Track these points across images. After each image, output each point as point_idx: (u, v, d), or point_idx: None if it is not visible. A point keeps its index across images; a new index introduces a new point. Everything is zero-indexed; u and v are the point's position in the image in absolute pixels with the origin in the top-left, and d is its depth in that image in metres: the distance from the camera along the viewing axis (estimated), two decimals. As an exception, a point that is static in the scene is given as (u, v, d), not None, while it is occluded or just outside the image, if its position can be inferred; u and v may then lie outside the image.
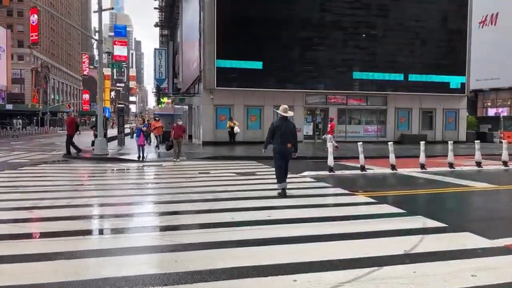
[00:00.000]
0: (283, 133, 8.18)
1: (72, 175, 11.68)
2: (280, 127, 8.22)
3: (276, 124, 8.32)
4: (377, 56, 25.50)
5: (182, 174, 11.98)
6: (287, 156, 8.42)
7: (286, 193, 8.30)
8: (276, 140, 8.27)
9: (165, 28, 58.58)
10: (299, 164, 15.11)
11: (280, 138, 8.21)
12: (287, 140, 8.24)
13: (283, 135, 8.18)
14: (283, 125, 8.26)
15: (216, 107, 24.01)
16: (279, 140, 8.22)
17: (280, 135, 8.19)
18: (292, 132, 8.34)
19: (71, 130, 18.00)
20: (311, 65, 24.49)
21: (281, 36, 23.94)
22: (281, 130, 8.19)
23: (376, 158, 17.71)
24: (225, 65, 23.23)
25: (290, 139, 8.29)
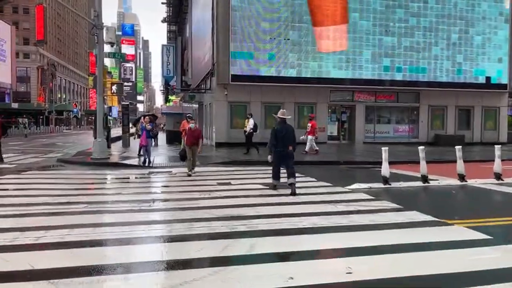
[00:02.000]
0: (284, 137, 8.65)
1: (57, 188, 9.23)
2: (281, 131, 8.70)
3: (277, 129, 8.79)
4: (409, 48, 22.79)
5: (197, 186, 9.49)
6: (287, 159, 8.81)
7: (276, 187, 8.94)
8: (278, 144, 8.70)
9: (173, 23, 56.34)
10: (333, 172, 12.58)
11: (282, 142, 8.66)
12: (288, 143, 8.69)
13: (284, 139, 8.64)
14: (283, 129, 8.75)
15: (231, 105, 21.50)
16: (281, 143, 8.67)
17: (281, 139, 8.65)
18: (291, 135, 8.80)
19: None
20: (337, 58, 21.87)
21: (302, 25, 21.35)
22: (281, 133, 8.66)
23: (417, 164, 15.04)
24: (241, 57, 20.72)
25: (290, 142, 8.72)
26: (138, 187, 9.67)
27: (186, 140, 11.77)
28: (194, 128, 11.70)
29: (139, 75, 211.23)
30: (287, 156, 8.79)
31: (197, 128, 12.01)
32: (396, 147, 21.49)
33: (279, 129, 8.75)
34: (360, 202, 7.63)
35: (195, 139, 11.50)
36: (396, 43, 22.68)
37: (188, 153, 11.55)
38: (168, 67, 55.62)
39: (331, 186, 9.53)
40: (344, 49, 22.00)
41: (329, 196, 8.19)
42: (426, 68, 23.12)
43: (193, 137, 11.46)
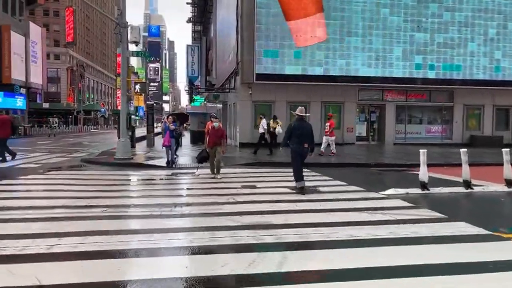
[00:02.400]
0: (301, 134, 8.54)
1: (78, 190, 8.97)
2: (297, 128, 8.60)
3: (294, 125, 8.69)
4: (442, 45, 21.65)
5: (221, 189, 9.02)
6: (303, 155, 8.71)
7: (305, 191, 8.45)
8: (294, 140, 8.61)
9: (197, 23, 56.44)
10: (364, 175, 11.86)
11: (298, 139, 8.56)
12: (304, 140, 8.58)
13: (301, 136, 8.54)
14: (300, 126, 8.65)
15: (255, 104, 21.01)
16: (296, 140, 8.58)
17: (298, 136, 8.55)
18: (309, 133, 8.68)
19: (5, 132, 14.70)
20: (365, 55, 21.02)
21: (329, 22, 20.60)
22: (298, 131, 8.56)
23: (454, 166, 14.12)
24: (266, 55, 20.18)
25: (307, 140, 8.61)
26: (160, 189, 9.29)
27: (208, 141, 10.87)
28: (218, 127, 10.83)
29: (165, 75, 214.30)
30: (302, 154, 8.71)
31: (221, 128, 11.13)
32: (428, 148, 20.35)
33: (296, 126, 8.68)
34: (398, 210, 6.95)
35: (218, 139, 10.77)
36: (429, 39, 21.60)
37: (210, 155, 10.87)
38: (193, 67, 55.78)
39: (364, 191, 8.86)
40: (373, 44, 21.10)
41: (363, 202, 7.54)
42: (461, 65, 21.91)
43: (216, 137, 10.72)
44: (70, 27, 53.78)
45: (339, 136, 21.81)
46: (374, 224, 5.93)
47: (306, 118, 9.16)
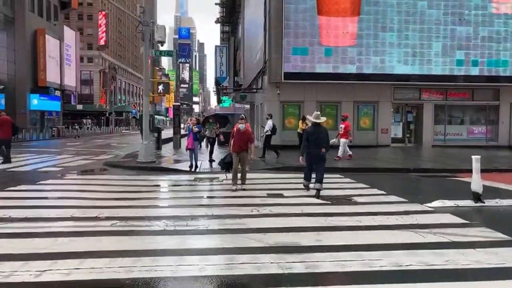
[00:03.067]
0: (316, 139, 8.59)
1: (91, 198, 8.38)
2: (313, 133, 8.67)
3: (309, 131, 8.83)
4: (487, 39, 19.95)
5: (244, 198, 8.20)
6: (319, 161, 8.72)
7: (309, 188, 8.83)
8: (311, 146, 8.66)
9: (226, 24, 56.09)
10: (404, 182, 10.72)
11: (313, 143, 8.61)
12: (321, 145, 8.58)
13: (316, 141, 8.59)
14: (315, 131, 8.71)
15: (283, 104, 20.09)
16: (312, 145, 8.63)
17: (314, 141, 8.61)
18: (325, 137, 8.69)
19: (5, 133, 14.06)
20: (401, 52, 19.66)
21: (362, 17, 19.39)
22: (313, 136, 8.63)
23: (505, 172, 12.72)
24: (295, 53, 19.23)
25: (324, 144, 8.61)
26: (178, 197, 8.56)
27: (232, 145, 9.52)
28: (244, 129, 9.46)
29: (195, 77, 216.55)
30: (319, 158, 8.71)
31: (247, 130, 9.72)
32: (471, 151, 18.71)
33: (311, 131, 8.79)
34: (450, 228, 5.88)
35: (244, 143, 9.48)
36: (472, 33, 19.96)
37: (234, 162, 9.46)
38: (221, 68, 55.48)
39: (406, 202, 7.80)
40: (409, 39, 19.71)
41: (408, 217, 6.50)
42: (508, 60, 20.13)
43: (241, 141, 9.44)
44: (103, 31, 56.38)
45: (373, 138, 20.60)
46: (424, 248, 4.92)
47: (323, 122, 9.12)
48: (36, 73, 44.51)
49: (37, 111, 45.47)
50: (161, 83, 17.03)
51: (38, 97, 44.45)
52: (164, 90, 16.66)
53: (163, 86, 16.65)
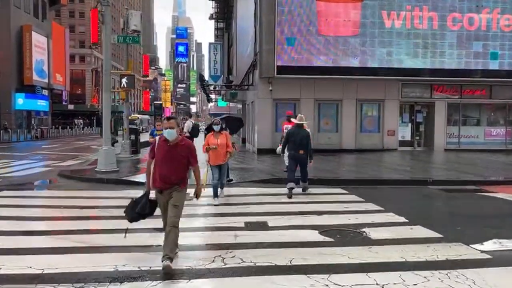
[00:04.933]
0: (296, 141, 8.60)
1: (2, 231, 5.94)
2: (293, 134, 8.70)
3: (291, 131, 8.86)
4: (507, 27, 17.54)
5: (211, 230, 5.78)
6: (301, 161, 8.70)
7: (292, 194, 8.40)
8: (290, 147, 8.74)
9: (220, 20, 53.70)
10: (425, 202, 8.22)
11: (293, 145, 8.63)
12: (300, 147, 8.57)
13: (295, 142, 8.59)
14: (296, 132, 8.71)
15: (277, 102, 17.66)
16: (292, 146, 8.67)
17: (293, 142, 8.63)
18: (305, 140, 8.63)
19: None
20: (410, 43, 17.26)
21: (366, 3, 16.98)
22: (294, 137, 8.65)
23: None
24: (289, 44, 16.82)
25: (303, 147, 8.58)
26: (117, 229, 6.05)
27: (153, 176, 5.85)
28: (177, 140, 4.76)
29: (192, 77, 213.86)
30: (299, 160, 8.70)
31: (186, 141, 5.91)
32: (490, 156, 16.52)
33: (291, 132, 8.82)
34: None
35: (175, 169, 4.63)
36: (491, 22, 17.56)
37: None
38: (215, 66, 52.87)
39: (442, 240, 5.36)
40: (420, 29, 17.30)
41: (457, 274, 4.07)
42: (531, 53, 17.75)
43: (170, 165, 5.11)
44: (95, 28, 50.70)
45: (378, 141, 18.19)
46: None
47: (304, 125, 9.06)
48: (22, 71, 41.98)
49: (22, 111, 43.02)
50: (125, 76, 14.57)
51: (23, 96, 42.01)
52: (129, 84, 14.24)
53: (127, 79, 14.22)
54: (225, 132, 7.97)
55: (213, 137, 7.79)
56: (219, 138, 7.75)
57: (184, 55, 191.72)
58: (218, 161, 7.72)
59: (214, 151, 7.66)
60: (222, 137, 7.77)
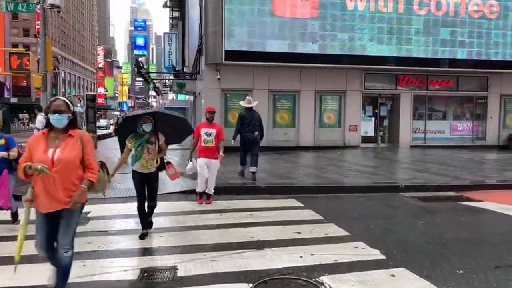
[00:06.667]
0: (250, 123, 8.83)
1: None
2: (246, 117, 8.90)
3: (243, 115, 9.04)
4: (477, 14, 16.17)
5: None
6: (253, 144, 8.89)
7: (244, 174, 8.98)
8: (244, 129, 8.86)
9: (175, 9, 50.54)
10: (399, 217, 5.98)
11: (247, 127, 8.83)
12: (254, 129, 8.87)
13: (250, 125, 8.83)
14: (249, 115, 8.95)
15: (226, 93, 15.35)
16: (247, 129, 8.84)
17: (247, 125, 8.84)
18: (258, 121, 8.97)
19: None
20: (375, 28, 15.50)
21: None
22: (247, 120, 8.85)
23: None
24: (240, 25, 14.55)
25: (257, 128, 8.90)
26: None
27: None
28: None
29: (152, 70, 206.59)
30: (253, 142, 8.86)
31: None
32: (458, 153, 15.15)
33: (245, 116, 8.96)
34: None
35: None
36: (459, 7, 16.13)
37: None
38: (170, 57, 49.71)
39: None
40: (385, 12, 15.57)
41: None
42: (500, 42, 16.51)
43: None
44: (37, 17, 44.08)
45: (339, 137, 16.37)
46: None
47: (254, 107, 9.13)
48: None
49: None
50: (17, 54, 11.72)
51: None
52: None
53: (18, 57, 11.40)
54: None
55: None
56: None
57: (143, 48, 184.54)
58: None
59: None
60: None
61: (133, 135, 5.03)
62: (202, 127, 6.97)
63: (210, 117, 7.04)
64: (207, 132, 6.86)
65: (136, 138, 5.00)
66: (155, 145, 5.04)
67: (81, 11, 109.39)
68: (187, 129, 5.66)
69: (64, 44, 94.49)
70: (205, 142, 6.85)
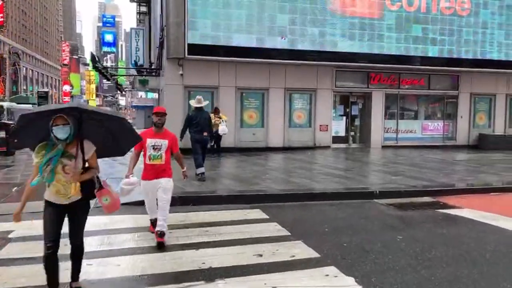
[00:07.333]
0: (199, 123, 8.58)
1: None
2: (195, 117, 8.66)
3: (192, 115, 8.85)
4: (448, 11, 15.85)
5: None
6: (205, 143, 8.88)
7: (204, 178, 8.45)
8: (193, 130, 8.63)
9: (142, 4, 48.72)
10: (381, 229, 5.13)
11: (196, 128, 8.58)
12: (204, 129, 8.66)
13: (199, 125, 8.58)
14: (198, 115, 8.69)
15: (189, 90, 14.30)
16: (195, 129, 8.60)
17: (196, 125, 8.58)
18: (207, 122, 8.83)
19: None
20: (346, 23, 14.87)
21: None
22: (195, 120, 8.61)
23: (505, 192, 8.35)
24: (204, 17, 13.54)
25: (206, 128, 8.72)
26: None
27: None
28: None
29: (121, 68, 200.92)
30: (202, 143, 8.73)
31: None
32: (430, 153, 14.81)
33: (194, 116, 8.76)
34: None
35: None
36: (431, 3, 15.75)
37: None
38: (137, 53, 47.97)
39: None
40: (357, 7, 14.97)
41: None
42: (471, 39, 16.27)
43: None
44: (0, 9, 43.96)
45: (309, 137, 15.67)
46: None
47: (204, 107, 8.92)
48: None
49: None
50: None
51: None
52: None
53: None
54: None
55: None
56: None
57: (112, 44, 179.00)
58: None
59: None
60: None
61: (43, 145, 3.30)
62: (148, 136, 4.90)
63: (160, 122, 4.92)
64: (155, 144, 4.85)
65: (47, 149, 3.28)
66: (76, 161, 3.31)
67: (44, 5, 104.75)
68: (131, 135, 3.74)
69: (25, 39, 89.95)
70: (152, 158, 4.84)
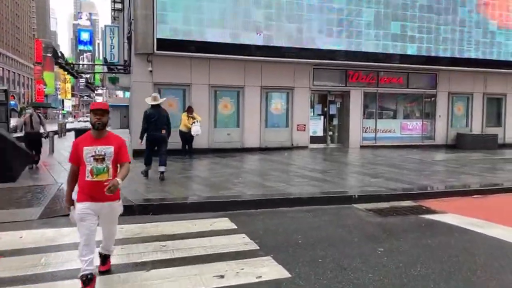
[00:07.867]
0: (157, 121, 8.44)
1: None
2: (153, 115, 8.48)
3: (149, 113, 8.57)
4: (426, 9, 15.58)
5: None
6: (160, 142, 8.60)
7: (148, 175, 8.56)
8: (151, 128, 8.49)
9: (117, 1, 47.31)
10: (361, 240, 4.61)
11: (154, 125, 8.45)
12: (161, 127, 8.51)
13: (157, 123, 8.44)
14: (155, 112, 8.53)
15: (159, 88, 13.50)
16: (153, 127, 8.47)
17: (154, 123, 8.43)
18: (166, 120, 8.63)
19: None
20: (324, 19, 14.37)
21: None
22: (153, 118, 8.44)
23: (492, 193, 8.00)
24: (175, 10, 12.78)
25: (164, 126, 8.56)
26: None
27: None
28: None
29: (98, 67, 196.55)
30: (160, 140, 8.58)
31: None
32: (409, 153, 14.49)
33: (151, 113, 8.52)
34: None
35: None
36: (407, 3, 15.44)
37: None
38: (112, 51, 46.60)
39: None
40: (335, 2, 14.50)
41: None
42: (449, 38, 16.05)
43: None
44: None
45: (286, 137, 15.12)
46: None
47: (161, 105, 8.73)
48: None
49: None
50: None
51: None
52: None
53: None
54: None
55: None
56: None
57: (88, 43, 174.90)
58: None
59: None
60: None
61: None
62: (84, 144, 3.59)
63: (100, 123, 3.58)
64: (95, 153, 3.55)
65: None
66: None
67: (16, 1, 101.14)
68: (15, 152, 2.67)
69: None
70: (95, 173, 3.55)
